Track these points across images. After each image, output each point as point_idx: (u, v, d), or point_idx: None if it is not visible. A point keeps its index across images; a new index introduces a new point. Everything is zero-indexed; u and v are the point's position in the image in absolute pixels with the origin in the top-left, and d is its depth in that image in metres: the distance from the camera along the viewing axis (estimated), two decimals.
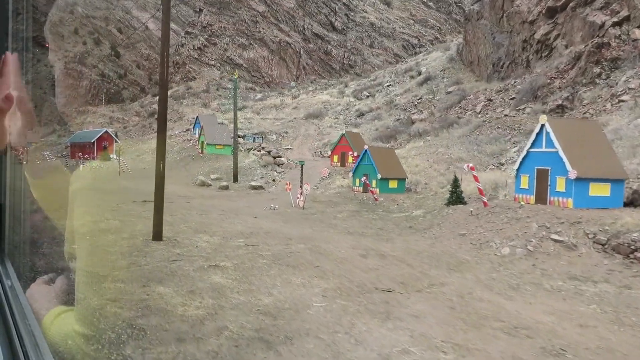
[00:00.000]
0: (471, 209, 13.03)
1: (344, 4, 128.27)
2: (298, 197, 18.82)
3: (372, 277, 8.47)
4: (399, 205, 20.49)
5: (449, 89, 49.59)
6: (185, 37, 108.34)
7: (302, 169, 19.13)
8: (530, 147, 14.13)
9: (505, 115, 29.45)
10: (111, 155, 41.52)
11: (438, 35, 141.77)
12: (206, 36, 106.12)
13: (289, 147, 42.56)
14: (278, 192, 25.09)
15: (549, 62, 33.24)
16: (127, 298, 6.34)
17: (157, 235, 10.20)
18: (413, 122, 43.20)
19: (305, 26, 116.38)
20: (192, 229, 12.35)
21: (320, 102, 60.58)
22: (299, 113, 57.64)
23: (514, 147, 25.95)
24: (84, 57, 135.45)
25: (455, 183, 16.63)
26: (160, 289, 6.85)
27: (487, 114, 32.08)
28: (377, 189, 22.24)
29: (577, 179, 12.48)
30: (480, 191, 13.21)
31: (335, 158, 29.77)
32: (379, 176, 22.61)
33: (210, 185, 25.09)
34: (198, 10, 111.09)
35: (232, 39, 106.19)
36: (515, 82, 34.44)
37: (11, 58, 1.01)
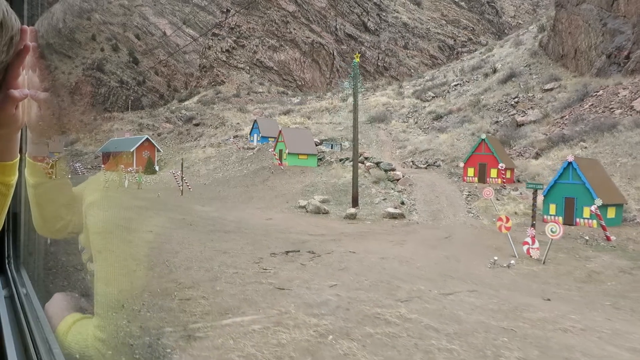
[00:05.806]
0: None
1: (375, 3, 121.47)
2: (528, 243, 11.31)
3: None
4: None
5: (547, 86, 41.97)
6: (212, 39, 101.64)
7: (535, 196, 11.60)
8: None
9: None
10: (155, 167, 34.35)
11: (471, 36, 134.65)
12: (234, 38, 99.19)
13: (366, 155, 34.97)
14: (425, 221, 17.52)
15: None
16: None
17: None
18: (519, 125, 35.60)
19: (338, 27, 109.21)
20: None
21: (380, 105, 53.24)
22: (359, 117, 50.27)
23: None
24: (102, 63, 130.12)
25: None
26: None
27: None
28: (596, 222, 14.63)
29: None
30: None
31: (471, 171, 22.17)
32: (598, 202, 14.98)
33: (328, 211, 17.55)
34: (225, 10, 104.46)
35: (262, 41, 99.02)
36: None
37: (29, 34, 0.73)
